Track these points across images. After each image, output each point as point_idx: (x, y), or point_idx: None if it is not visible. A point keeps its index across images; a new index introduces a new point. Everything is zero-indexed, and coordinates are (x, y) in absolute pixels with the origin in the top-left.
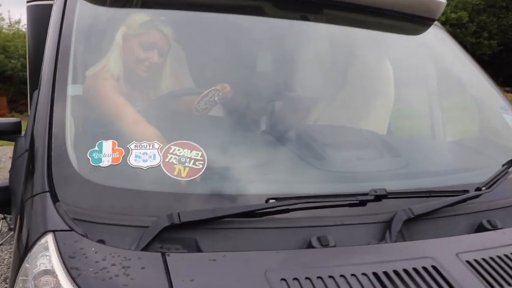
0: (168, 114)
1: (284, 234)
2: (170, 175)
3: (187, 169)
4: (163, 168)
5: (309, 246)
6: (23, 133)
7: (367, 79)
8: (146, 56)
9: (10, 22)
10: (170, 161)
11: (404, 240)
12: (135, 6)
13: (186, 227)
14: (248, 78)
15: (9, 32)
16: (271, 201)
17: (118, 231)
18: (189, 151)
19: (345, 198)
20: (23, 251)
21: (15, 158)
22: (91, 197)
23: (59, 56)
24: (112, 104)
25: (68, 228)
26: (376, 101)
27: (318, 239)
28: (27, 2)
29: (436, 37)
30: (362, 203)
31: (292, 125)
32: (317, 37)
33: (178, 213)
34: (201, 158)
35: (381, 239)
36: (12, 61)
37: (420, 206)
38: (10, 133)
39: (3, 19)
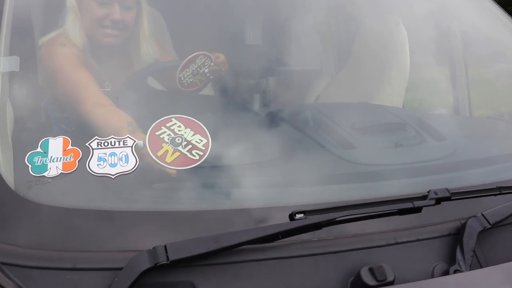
0: (146, 95)
1: (320, 264)
2: (151, 153)
3: (176, 154)
4: (146, 144)
5: (358, 283)
6: None
7: (377, 48)
8: (104, 12)
9: None
10: (161, 136)
11: (480, 264)
12: None
13: (178, 265)
14: (242, 48)
15: None
16: (298, 216)
17: (74, 279)
18: (192, 133)
19: (396, 204)
20: None
21: None
22: (30, 227)
23: None
24: (66, 82)
25: None
26: (388, 73)
27: (371, 271)
28: None
29: None
30: (417, 209)
31: (305, 104)
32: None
33: (165, 246)
34: (203, 148)
35: (451, 261)
36: None
37: (496, 210)
38: None
39: None
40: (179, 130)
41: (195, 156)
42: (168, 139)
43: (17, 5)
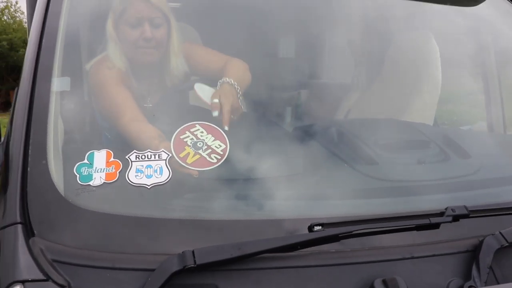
0: (180, 111)
1: (336, 274)
2: (174, 154)
3: (197, 156)
4: (171, 147)
5: None
6: (2, 139)
7: (408, 62)
8: (137, 34)
9: None
10: (185, 140)
11: (497, 280)
12: None
13: (204, 269)
14: (271, 63)
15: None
16: (316, 228)
17: (113, 277)
18: (213, 138)
19: (413, 220)
20: None
21: None
22: (77, 229)
23: (42, 42)
24: (109, 101)
25: (42, 277)
26: (420, 87)
27: (384, 283)
28: None
29: (494, 7)
30: (435, 226)
31: (324, 120)
32: (349, 12)
33: (193, 251)
34: (221, 152)
35: (466, 277)
36: None
37: None
38: None
39: (22, 13)
40: (201, 135)
41: (213, 159)
42: (191, 142)
43: (68, 32)
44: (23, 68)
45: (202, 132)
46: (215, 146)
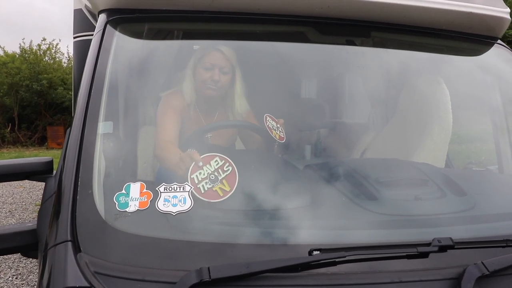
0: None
1: None
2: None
3: (208, 187)
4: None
5: None
6: (54, 172)
7: (421, 105)
8: (208, 75)
9: (69, 57)
10: (202, 168)
11: None
12: (174, 38)
13: (217, 284)
14: (289, 106)
15: (68, 66)
16: (315, 252)
17: (142, 287)
18: (225, 174)
19: (402, 249)
20: None
21: (44, 200)
22: (115, 247)
23: (92, 92)
24: (161, 122)
25: (87, 285)
26: (432, 128)
27: None
28: (74, 38)
29: (499, 57)
30: (423, 255)
31: (338, 159)
32: (365, 62)
33: (208, 268)
34: (228, 189)
35: None
36: (70, 92)
37: (496, 259)
38: (41, 173)
39: (62, 54)
40: (216, 169)
41: (221, 194)
42: (207, 174)
43: (111, 85)
44: (75, 113)
45: (218, 164)
46: (224, 183)
